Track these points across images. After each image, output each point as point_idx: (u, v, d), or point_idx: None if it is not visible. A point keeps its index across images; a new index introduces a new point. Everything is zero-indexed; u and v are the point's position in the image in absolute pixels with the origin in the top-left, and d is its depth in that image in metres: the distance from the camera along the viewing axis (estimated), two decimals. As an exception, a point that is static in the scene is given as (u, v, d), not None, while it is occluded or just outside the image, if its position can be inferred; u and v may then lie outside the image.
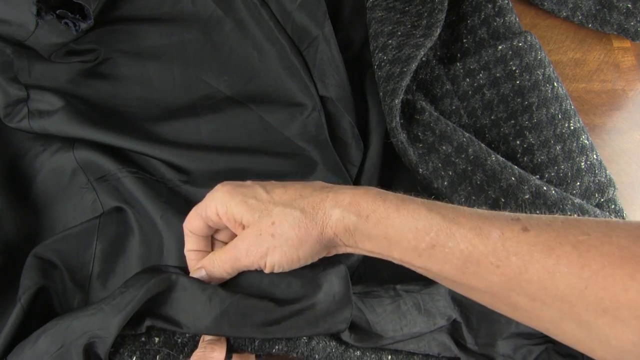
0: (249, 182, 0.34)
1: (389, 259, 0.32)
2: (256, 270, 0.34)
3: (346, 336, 0.36)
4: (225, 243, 0.36)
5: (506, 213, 0.29)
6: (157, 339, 0.33)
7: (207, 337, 0.33)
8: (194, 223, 0.34)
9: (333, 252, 0.34)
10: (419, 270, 0.31)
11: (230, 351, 0.33)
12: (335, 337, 0.37)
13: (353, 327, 0.37)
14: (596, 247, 0.25)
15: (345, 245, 0.32)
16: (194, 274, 0.34)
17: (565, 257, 0.25)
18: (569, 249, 0.25)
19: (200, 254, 0.35)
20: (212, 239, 0.37)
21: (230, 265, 0.33)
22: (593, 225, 0.26)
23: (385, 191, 0.32)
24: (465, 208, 0.30)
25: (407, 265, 0.31)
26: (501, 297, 0.28)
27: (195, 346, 0.33)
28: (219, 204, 0.32)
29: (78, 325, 0.33)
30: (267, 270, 0.33)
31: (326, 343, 0.36)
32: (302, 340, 0.35)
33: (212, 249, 0.36)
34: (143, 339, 0.33)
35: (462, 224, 0.28)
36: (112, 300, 0.33)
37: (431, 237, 0.29)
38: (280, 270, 0.33)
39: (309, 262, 0.33)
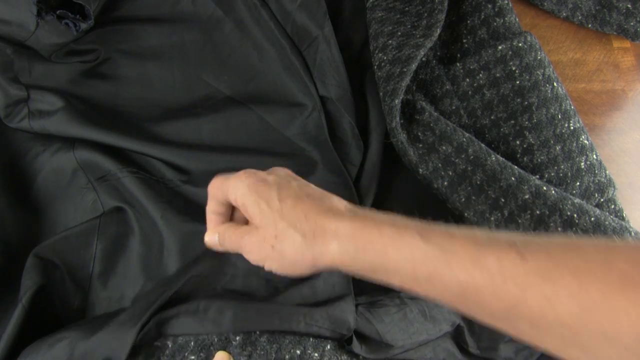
0: (271, 179, 0.35)
1: (389, 285, 0.32)
2: None
3: (357, 348, 0.36)
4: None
5: (503, 236, 0.29)
6: None
7: None
8: (217, 192, 0.37)
9: (333, 270, 0.35)
10: (420, 295, 0.31)
11: None
12: (346, 350, 0.37)
13: (363, 338, 0.37)
14: (596, 274, 0.25)
15: (345, 269, 0.33)
16: (209, 234, 0.37)
17: (564, 285, 0.25)
18: (569, 277, 0.25)
19: (219, 217, 0.38)
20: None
21: (237, 248, 0.36)
22: (592, 251, 0.26)
23: (381, 218, 0.32)
24: (461, 232, 0.30)
25: (407, 292, 0.32)
26: (503, 323, 0.28)
27: None
28: (238, 195, 0.35)
29: (95, 341, 0.33)
30: (265, 269, 0.35)
31: (337, 358, 0.36)
32: (314, 357, 0.35)
33: (232, 216, 0.39)
34: None
35: (458, 254, 0.28)
36: (126, 320, 0.34)
37: (429, 269, 0.29)
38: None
39: (305, 275, 0.34)
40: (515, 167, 0.44)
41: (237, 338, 0.34)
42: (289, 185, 0.35)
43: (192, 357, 0.34)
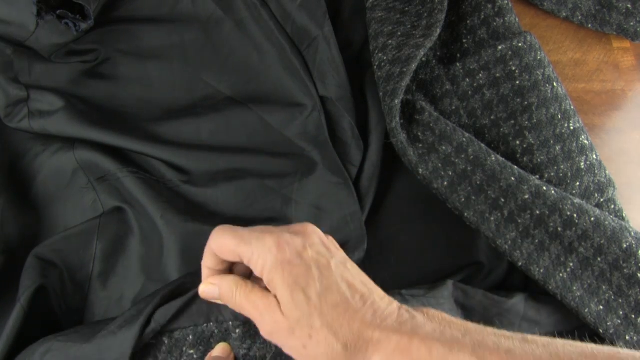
0: (308, 256, 0.30)
1: None
2: None
3: None
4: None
5: (572, 350, 0.26)
6: None
7: (214, 353, 0.33)
8: (225, 252, 0.31)
9: None
10: None
11: None
12: None
13: None
14: None
15: None
16: (205, 286, 0.33)
17: None
18: None
19: (215, 273, 0.33)
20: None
21: (248, 315, 0.31)
22: None
23: (431, 331, 0.29)
24: (524, 348, 0.27)
25: None
26: None
27: None
28: (266, 268, 0.30)
29: (89, 350, 0.33)
30: (284, 351, 0.31)
31: None
32: None
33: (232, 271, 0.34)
34: None
35: None
36: (122, 322, 0.33)
37: None
38: None
39: None
40: (515, 167, 0.44)
41: (237, 330, 0.34)
42: (329, 269, 0.30)
43: (191, 352, 0.33)
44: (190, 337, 0.33)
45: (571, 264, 0.42)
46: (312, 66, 0.50)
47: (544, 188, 0.43)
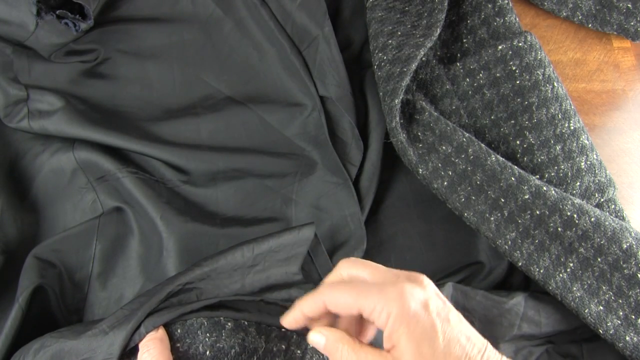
0: (431, 309, 0.29)
1: None
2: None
3: None
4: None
5: None
6: None
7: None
8: (340, 302, 0.31)
9: None
10: None
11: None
12: None
13: None
14: None
15: None
16: (315, 335, 0.31)
17: None
18: None
19: (307, 319, 0.32)
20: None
21: None
22: None
23: None
24: None
25: None
26: None
27: None
28: (392, 319, 0.29)
29: (80, 346, 0.33)
30: None
31: (319, 357, 0.36)
32: (297, 354, 0.35)
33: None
34: None
35: None
36: (114, 321, 0.33)
37: None
38: None
39: None
40: (515, 167, 0.44)
41: (229, 324, 0.35)
42: (449, 323, 0.30)
43: (177, 345, 0.33)
44: (179, 330, 0.34)
45: (571, 264, 0.42)
46: (312, 66, 0.50)
47: (544, 188, 0.43)
